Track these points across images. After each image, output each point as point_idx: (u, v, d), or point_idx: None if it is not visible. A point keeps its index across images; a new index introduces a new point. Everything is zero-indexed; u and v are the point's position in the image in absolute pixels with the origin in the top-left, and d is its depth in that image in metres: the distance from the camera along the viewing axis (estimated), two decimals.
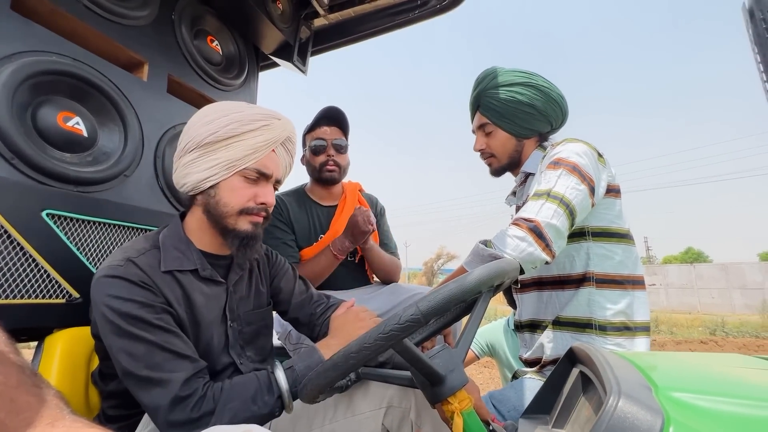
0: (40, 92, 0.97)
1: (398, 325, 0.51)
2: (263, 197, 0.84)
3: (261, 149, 0.83)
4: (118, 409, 0.82)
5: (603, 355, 0.58)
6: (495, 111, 1.17)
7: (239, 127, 0.81)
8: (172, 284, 0.78)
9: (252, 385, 0.74)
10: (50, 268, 0.93)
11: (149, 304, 0.72)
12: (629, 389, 0.43)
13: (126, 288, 0.72)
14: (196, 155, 0.82)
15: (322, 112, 1.53)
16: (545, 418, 0.79)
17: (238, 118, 0.82)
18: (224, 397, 0.71)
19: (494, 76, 1.19)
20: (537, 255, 0.87)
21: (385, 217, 1.69)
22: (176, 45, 1.36)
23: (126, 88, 1.16)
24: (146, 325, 0.70)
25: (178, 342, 0.73)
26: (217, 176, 0.81)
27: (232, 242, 0.84)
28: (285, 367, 0.78)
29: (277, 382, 0.75)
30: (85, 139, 1.05)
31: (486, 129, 1.20)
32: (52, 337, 0.92)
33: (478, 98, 1.20)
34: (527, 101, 1.13)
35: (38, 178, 0.93)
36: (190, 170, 0.82)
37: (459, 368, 0.65)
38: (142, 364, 0.69)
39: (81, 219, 1.01)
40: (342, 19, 1.84)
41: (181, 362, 0.71)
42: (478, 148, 1.24)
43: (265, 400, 0.73)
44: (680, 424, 0.38)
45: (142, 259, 0.77)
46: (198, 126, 0.82)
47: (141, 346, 0.69)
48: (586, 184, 0.95)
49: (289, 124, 0.90)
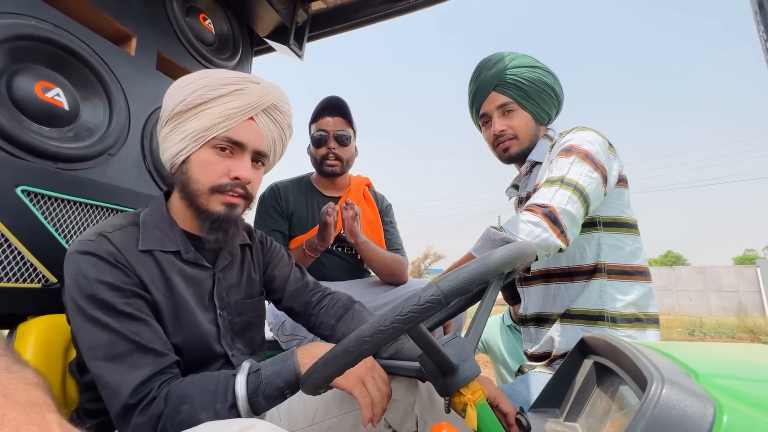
0: (16, 59, 0.89)
1: (417, 306, 0.46)
2: (237, 171, 0.74)
3: (233, 116, 0.74)
4: (98, 403, 0.74)
5: (629, 343, 0.54)
6: (520, 89, 1.11)
7: (207, 92, 0.73)
8: (148, 264, 0.72)
9: (209, 387, 0.64)
10: (24, 250, 0.86)
11: (118, 287, 0.66)
12: (671, 376, 0.40)
13: (94, 266, 0.65)
14: (170, 128, 0.75)
15: (324, 102, 1.48)
16: (555, 412, 0.76)
17: (205, 83, 0.74)
18: (175, 400, 0.62)
19: (513, 56, 1.14)
20: (552, 241, 0.84)
21: (391, 214, 1.63)
22: (167, 20, 1.29)
23: (112, 62, 1.09)
24: (112, 312, 0.64)
25: (146, 332, 0.66)
26: (187, 149, 0.74)
27: (203, 224, 0.76)
28: (251, 371, 0.67)
29: (234, 389, 0.64)
30: (66, 112, 0.98)
31: (507, 108, 1.13)
32: (25, 324, 0.85)
33: (498, 77, 1.14)
34: (551, 84, 1.11)
35: (12, 151, 0.85)
36: (166, 145, 0.76)
37: (471, 358, 0.61)
38: (101, 353, 0.63)
39: (60, 198, 0.93)
40: (341, 3, 1.78)
41: (143, 356, 0.64)
42: (498, 129, 1.15)
43: (217, 408, 0.62)
44: (734, 411, 0.35)
45: (116, 235, 0.70)
46: (169, 96, 0.76)
47: (103, 334, 0.63)
48: (599, 172, 0.93)
49: (274, 90, 0.80)
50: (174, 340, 0.72)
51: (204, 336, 0.77)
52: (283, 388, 0.66)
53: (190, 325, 0.75)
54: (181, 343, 0.73)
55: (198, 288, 0.78)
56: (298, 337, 1.24)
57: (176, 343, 0.72)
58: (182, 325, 0.74)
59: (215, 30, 1.51)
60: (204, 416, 0.61)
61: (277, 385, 0.65)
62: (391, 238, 1.56)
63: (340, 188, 1.55)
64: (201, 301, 0.78)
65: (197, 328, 0.76)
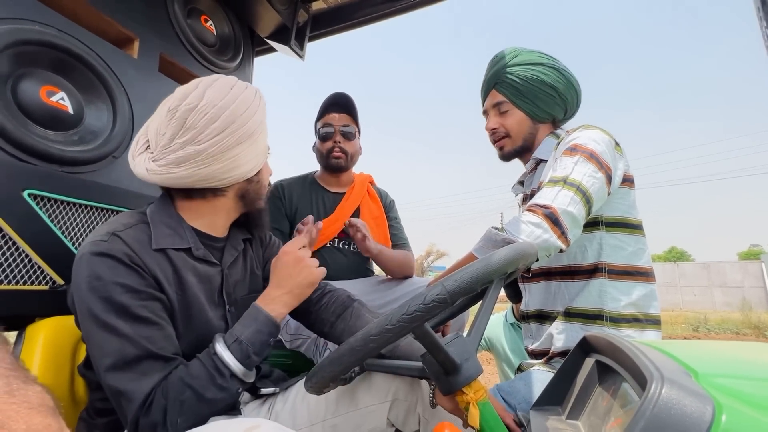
0: (21, 63, 0.90)
1: (423, 305, 0.47)
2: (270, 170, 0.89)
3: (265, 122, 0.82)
4: (108, 402, 0.76)
5: (630, 342, 0.55)
6: (515, 89, 1.12)
7: (264, 105, 0.81)
8: (162, 263, 0.72)
9: (200, 371, 0.66)
10: (32, 252, 0.87)
11: (134, 289, 0.66)
12: (671, 375, 0.40)
13: (110, 268, 0.65)
14: (244, 146, 0.75)
15: (330, 99, 1.49)
16: (557, 410, 0.77)
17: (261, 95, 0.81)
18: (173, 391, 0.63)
19: (516, 54, 1.14)
20: (552, 242, 0.84)
21: (394, 210, 1.65)
22: (168, 22, 1.30)
23: (115, 65, 1.10)
24: (126, 315, 0.64)
25: (159, 338, 0.66)
26: (261, 161, 0.82)
27: (257, 222, 0.89)
28: (229, 342, 0.69)
29: (225, 363, 0.67)
30: (70, 116, 0.99)
31: (501, 108, 1.15)
32: (34, 326, 0.86)
33: (497, 75, 1.15)
34: (550, 82, 1.10)
35: (19, 155, 0.87)
36: (239, 162, 0.75)
37: (473, 357, 0.62)
38: (112, 361, 0.63)
39: (66, 201, 0.94)
40: (341, 3, 1.78)
41: (154, 363, 0.64)
42: (491, 127, 1.18)
43: (219, 384, 0.65)
44: (733, 410, 0.36)
45: (128, 233, 0.70)
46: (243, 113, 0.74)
47: (115, 339, 0.63)
48: (603, 172, 0.92)
49: None
50: (185, 338, 0.72)
51: (214, 332, 0.77)
52: (267, 340, 0.73)
53: (200, 322, 0.76)
54: (191, 341, 0.73)
55: (208, 285, 0.79)
56: (302, 336, 1.25)
57: (187, 340, 0.73)
58: (193, 322, 0.75)
59: (216, 31, 1.51)
60: (209, 394, 0.64)
61: (262, 339, 0.73)
62: (397, 233, 1.58)
63: (344, 184, 1.56)
64: (211, 298, 0.79)
65: (208, 325, 0.77)
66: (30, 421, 0.28)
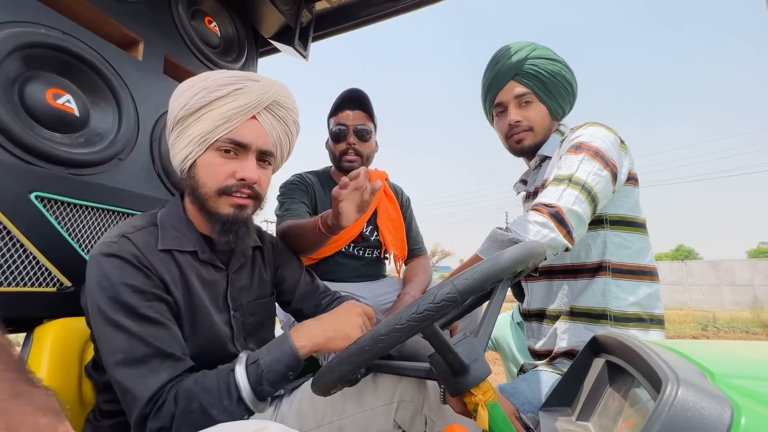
0: (27, 66, 0.91)
1: (433, 305, 0.46)
2: (242, 171, 0.75)
3: (234, 117, 0.74)
4: (115, 403, 0.76)
5: (642, 342, 0.54)
6: (540, 81, 1.09)
7: (207, 95, 0.73)
8: (169, 264, 0.73)
9: (210, 385, 0.64)
10: (39, 254, 0.87)
11: (141, 290, 0.66)
12: (686, 376, 0.39)
13: (118, 268, 0.66)
14: (176, 134, 0.76)
15: (344, 95, 1.41)
16: (567, 411, 0.76)
17: (205, 86, 0.74)
18: (183, 400, 0.62)
19: (534, 47, 1.12)
20: (559, 241, 0.83)
21: (410, 210, 1.59)
22: (173, 24, 1.30)
23: (120, 67, 1.10)
24: (133, 315, 0.65)
25: (166, 337, 0.66)
26: (193, 153, 0.75)
27: (214, 227, 0.77)
28: (249, 362, 0.67)
29: (237, 383, 0.64)
30: (76, 118, 0.99)
31: (524, 99, 1.11)
32: (41, 327, 0.87)
33: (518, 66, 1.10)
34: (569, 79, 1.09)
35: (26, 158, 0.87)
36: (174, 151, 0.77)
37: (482, 358, 0.61)
38: (121, 357, 0.63)
39: (72, 203, 0.95)
40: (345, 3, 1.78)
41: (162, 361, 0.64)
42: (514, 119, 1.12)
43: (225, 405, 0.63)
44: (753, 412, 0.35)
45: (138, 235, 0.71)
46: (172, 101, 0.77)
47: (124, 337, 0.63)
48: (608, 170, 0.91)
49: (275, 86, 0.79)
50: (191, 342, 0.72)
51: (219, 337, 0.78)
52: (285, 372, 0.67)
53: (205, 326, 0.76)
54: (197, 345, 0.73)
55: (213, 289, 0.79)
56: None
57: (193, 344, 0.73)
58: (199, 326, 0.75)
59: (220, 32, 1.51)
60: (215, 413, 0.62)
61: (280, 370, 0.67)
62: (413, 236, 1.53)
63: None
64: (216, 303, 0.79)
65: (213, 330, 0.77)
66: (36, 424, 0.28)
